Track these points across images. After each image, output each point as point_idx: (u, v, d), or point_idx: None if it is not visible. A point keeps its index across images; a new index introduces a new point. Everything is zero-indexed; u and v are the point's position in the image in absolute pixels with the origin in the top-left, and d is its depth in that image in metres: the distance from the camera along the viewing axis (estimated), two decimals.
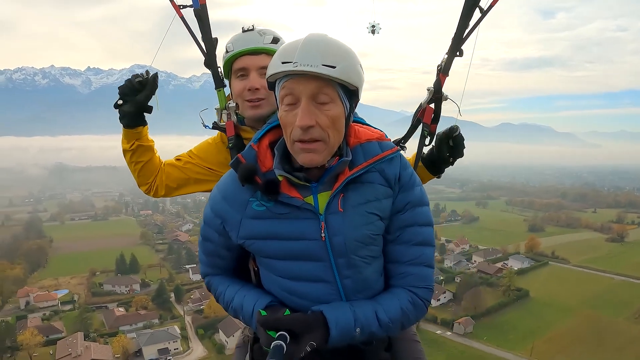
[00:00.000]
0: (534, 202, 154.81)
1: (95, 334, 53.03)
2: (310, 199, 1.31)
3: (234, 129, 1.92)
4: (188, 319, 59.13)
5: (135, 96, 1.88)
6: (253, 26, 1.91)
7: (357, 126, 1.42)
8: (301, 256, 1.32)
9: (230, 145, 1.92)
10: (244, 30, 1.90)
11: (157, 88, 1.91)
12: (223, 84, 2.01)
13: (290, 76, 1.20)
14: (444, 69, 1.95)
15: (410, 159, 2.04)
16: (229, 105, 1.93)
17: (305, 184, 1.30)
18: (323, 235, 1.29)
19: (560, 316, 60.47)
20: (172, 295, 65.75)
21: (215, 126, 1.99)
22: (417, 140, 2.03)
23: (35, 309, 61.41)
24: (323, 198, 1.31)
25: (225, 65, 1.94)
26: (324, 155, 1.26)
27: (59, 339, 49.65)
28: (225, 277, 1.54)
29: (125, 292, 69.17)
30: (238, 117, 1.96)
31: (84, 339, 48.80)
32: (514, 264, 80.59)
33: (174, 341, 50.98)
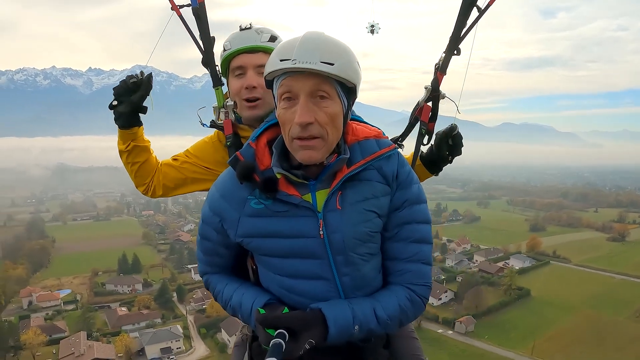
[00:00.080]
0: (535, 202, 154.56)
1: (98, 334, 53.22)
2: (308, 197, 1.31)
3: (231, 127, 1.92)
4: (190, 318, 59.26)
5: (130, 97, 1.88)
6: (250, 24, 1.91)
7: (355, 124, 1.42)
8: (300, 254, 1.32)
9: (228, 143, 1.91)
10: (241, 29, 1.90)
11: (152, 88, 1.91)
12: (221, 83, 2.01)
13: (288, 74, 1.20)
14: (441, 68, 1.95)
15: (408, 157, 2.04)
16: (227, 103, 1.92)
17: (304, 181, 1.30)
18: (321, 232, 1.29)
19: (561, 315, 60.43)
20: (175, 294, 65.93)
21: (213, 124, 1.99)
22: (415, 139, 2.04)
23: (38, 309, 61.63)
24: (321, 196, 1.31)
25: (222, 63, 1.94)
26: (322, 153, 1.26)
27: (62, 338, 49.89)
28: (223, 276, 1.54)
29: (128, 292, 69.39)
30: (236, 115, 1.96)
31: (87, 338, 49.05)
32: (515, 264, 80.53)
33: (176, 340, 51.21)
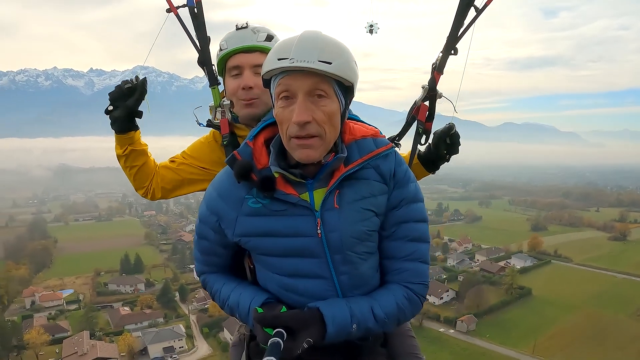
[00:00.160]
0: (537, 202, 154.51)
1: (100, 333, 53.38)
2: (306, 196, 1.31)
3: (228, 126, 1.92)
4: (193, 317, 59.38)
5: (125, 102, 1.88)
6: (247, 24, 1.90)
7: (352, 123, 1.42)
8: (297, 253, 1.32)
9: (225, 142, 1.91)
10: (237, 28, 1.90)
11: (147, 93, 1.91)
12: (217, 82, 2.00)
13: (286, 72, 1.20)
14: (438, 67, 1.95)
15: (405, 155, 2.04)
16: (223, 102, 1.92)
17: (301, 180, 1.30)
18: (319, 231, 1.29)
19: (562, 314, 60.42)
20: (177, 294, 66.05)
21: (210, 124, 1.99)
22: (412, 138, 2.03)
23: (41, 309, 61.82)
24: (319, 195, 1.32)
25: (219, 63, 1.93)
26: (320, 151, 1.26)
27: (65, 337, 50.09)
28: (221, 275, 1.54)
29: (130, 292, 69.57)
30: (232, 115, 1.95)
31: (90, 337, 49.25)
32: (516, 263, 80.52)
33: (179, 339, 51.36)
